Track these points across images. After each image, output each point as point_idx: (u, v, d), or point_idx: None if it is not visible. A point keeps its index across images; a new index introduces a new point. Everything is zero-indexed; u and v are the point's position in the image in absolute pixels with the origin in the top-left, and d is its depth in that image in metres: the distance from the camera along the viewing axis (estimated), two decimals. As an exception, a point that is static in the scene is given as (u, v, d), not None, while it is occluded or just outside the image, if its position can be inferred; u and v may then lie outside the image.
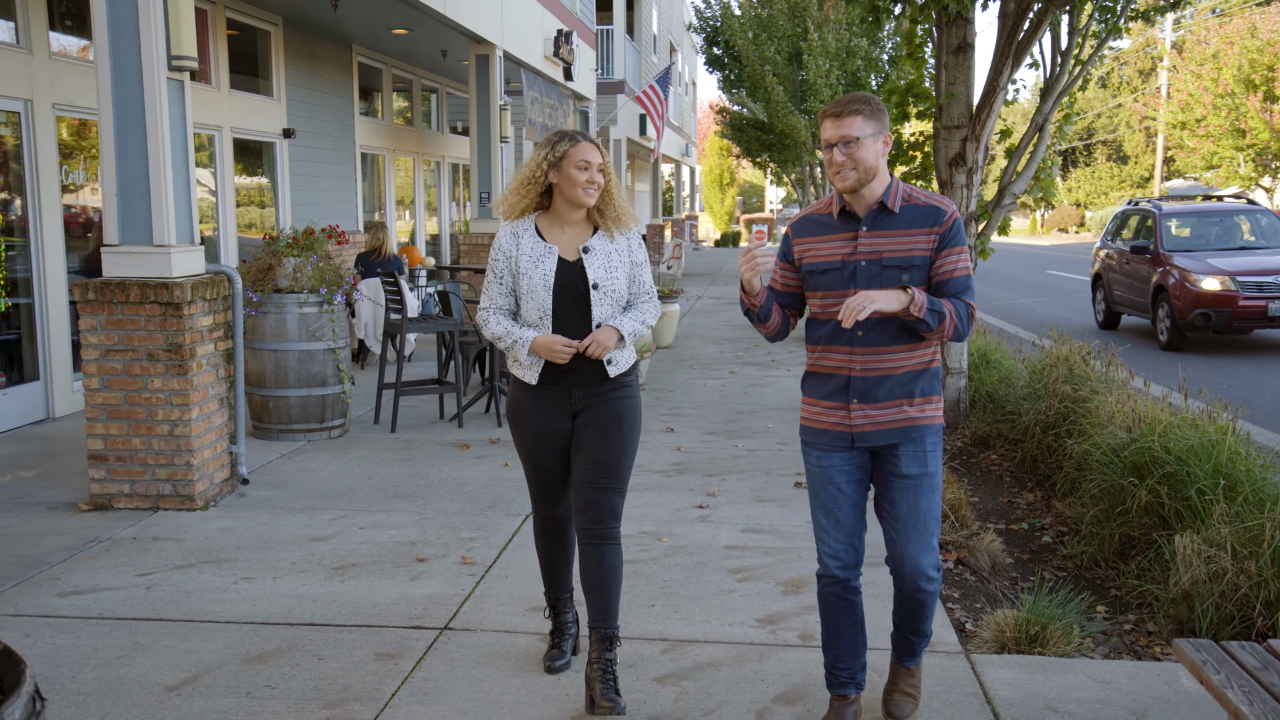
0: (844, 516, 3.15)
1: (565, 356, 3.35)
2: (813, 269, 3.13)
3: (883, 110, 3.04)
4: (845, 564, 3.17)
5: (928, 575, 3.11)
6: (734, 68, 23.06)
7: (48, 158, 7.68)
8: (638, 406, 3.57)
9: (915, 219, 3.03)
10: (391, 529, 5.30)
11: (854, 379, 3.07)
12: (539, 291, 3.41)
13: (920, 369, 3.09)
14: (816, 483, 3.19)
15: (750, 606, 4.29)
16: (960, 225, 3.05)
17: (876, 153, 3.01)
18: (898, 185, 3.08)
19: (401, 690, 3.55)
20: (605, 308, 3.45)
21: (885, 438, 3.07)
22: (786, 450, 7.01)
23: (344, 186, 13.20)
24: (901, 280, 3.00)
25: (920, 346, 3.07)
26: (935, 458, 3.11)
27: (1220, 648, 2.72)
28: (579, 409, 3.50)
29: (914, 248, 3.02)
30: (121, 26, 5.34)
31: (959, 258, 3.03)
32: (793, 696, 3.52)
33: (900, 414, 3.06)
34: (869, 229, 3.05)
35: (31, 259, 7.65)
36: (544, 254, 3.45)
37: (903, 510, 3.09)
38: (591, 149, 3.43)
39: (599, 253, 3.48)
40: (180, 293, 5.41)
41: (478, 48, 12.45)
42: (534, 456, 3.54)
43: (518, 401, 3.54)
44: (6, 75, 7.28)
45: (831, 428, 3.11)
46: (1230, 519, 4.53)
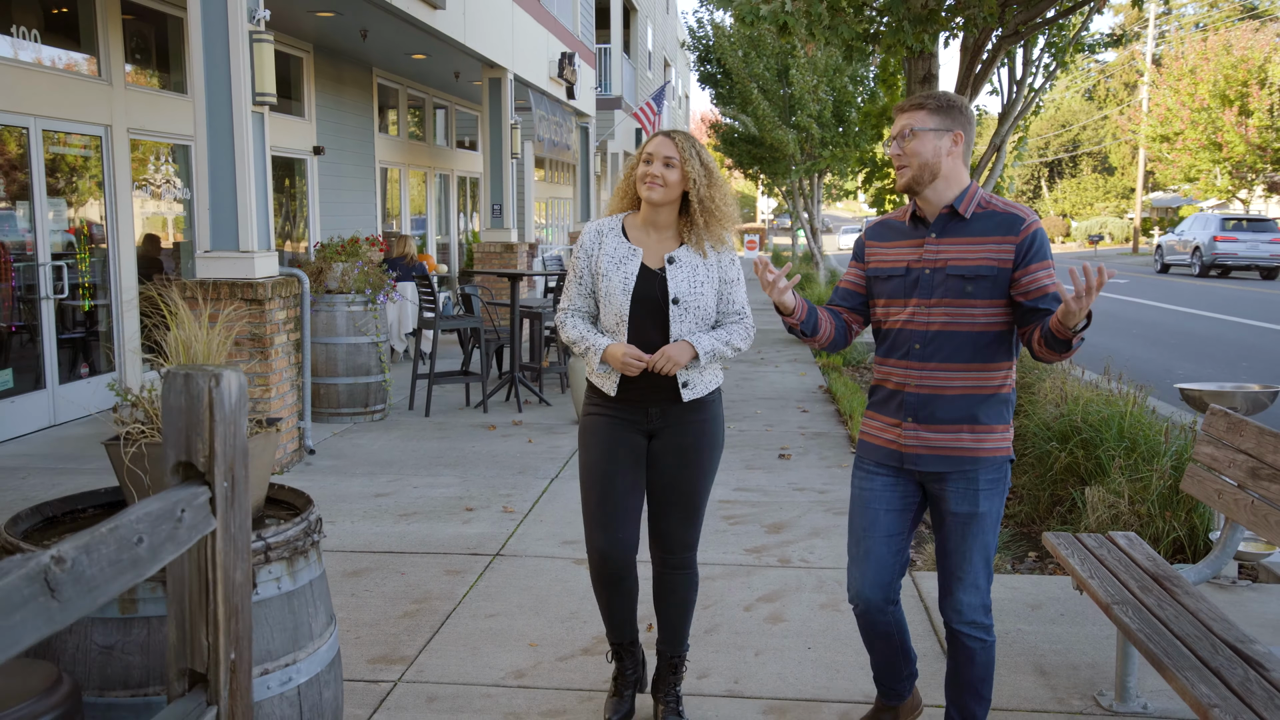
0: (874, 547, 2.93)
1: (635, 369, 3.11)
2: (878, 274, 2.95)
3: (956, 108, 2.83)
4: (868, 600, 2.96)
5: (972, 619, 2.88)
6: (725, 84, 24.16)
7: (123, 176, 8.72)
8: (720, 430, 3.34)
9: (989, 227, 2.79)
10: (440, 488, 6.35)
11: (907, 395, 2.86)
12: (617, 295, 3.18)
13: (986, 393, 2.82)
14: (855, 506, 2.99)
15: (740, 541, 5.35)
16: (1043, 236, 2.80)
17: (938, 150, 2.79)
18: (974, 191, 2.85)
19: (470, 592, 4.60)
20: (685, 325, 3.18)
21: (935, 464, 2.84)
22: (772, 431, 8.06)
23: (365, 199, 14.25)
24: (964, 291, 2.78)
25: (986, 367, 2.82)
26: (991, 496, 2.84)
27: (1075, 537, 3.78)
28: (656, 429, 3.26)
29: (984, 257, 2.77)
30: (215, 68, 6.39)
31: (1049, 272, 2.77)
32: (771, 598, 4.57)
33: (955, 441, 2.82)
34: (937, 235, 2.84)
35: (109, 265, 8.69)
36: (627, 255, 3.22)
37: (950, 547, 2.89)
38: (661, 141, 3.18)
39: (684, 265, 3.20)
40: (262, 291, 6.46)
41: (491, 71, 13.52)
42: (602, 473, 3.24)
43: (591, 415, 3.30)
44: (91, 104, 8.33)
45: (883, 444, 2.93)
46: (1127, 472, 5.60)
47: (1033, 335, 2.75)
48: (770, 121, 20.24)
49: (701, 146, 3.25)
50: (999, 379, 2.83)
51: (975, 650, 2.90)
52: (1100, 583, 3.34)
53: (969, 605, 2.88)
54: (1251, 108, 38.05)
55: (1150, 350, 13.29)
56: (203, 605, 1.99)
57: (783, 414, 8.77)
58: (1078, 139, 66.53)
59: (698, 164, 3.18)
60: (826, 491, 6.30)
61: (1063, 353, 2.66)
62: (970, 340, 2.79)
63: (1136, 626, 2.98)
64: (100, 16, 8.38)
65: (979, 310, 2.78)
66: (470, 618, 4.31)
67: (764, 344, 13.39)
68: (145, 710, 2.15)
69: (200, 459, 1.93)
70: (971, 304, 2.78)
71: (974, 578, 2.87)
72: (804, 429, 8.14)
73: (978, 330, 2.79)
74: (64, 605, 1.49)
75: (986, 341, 2.80)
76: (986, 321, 2.79)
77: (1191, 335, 14.99)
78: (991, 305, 2.78)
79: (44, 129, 7.82)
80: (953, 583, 2.89)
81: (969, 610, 2.88)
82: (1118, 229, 58.61)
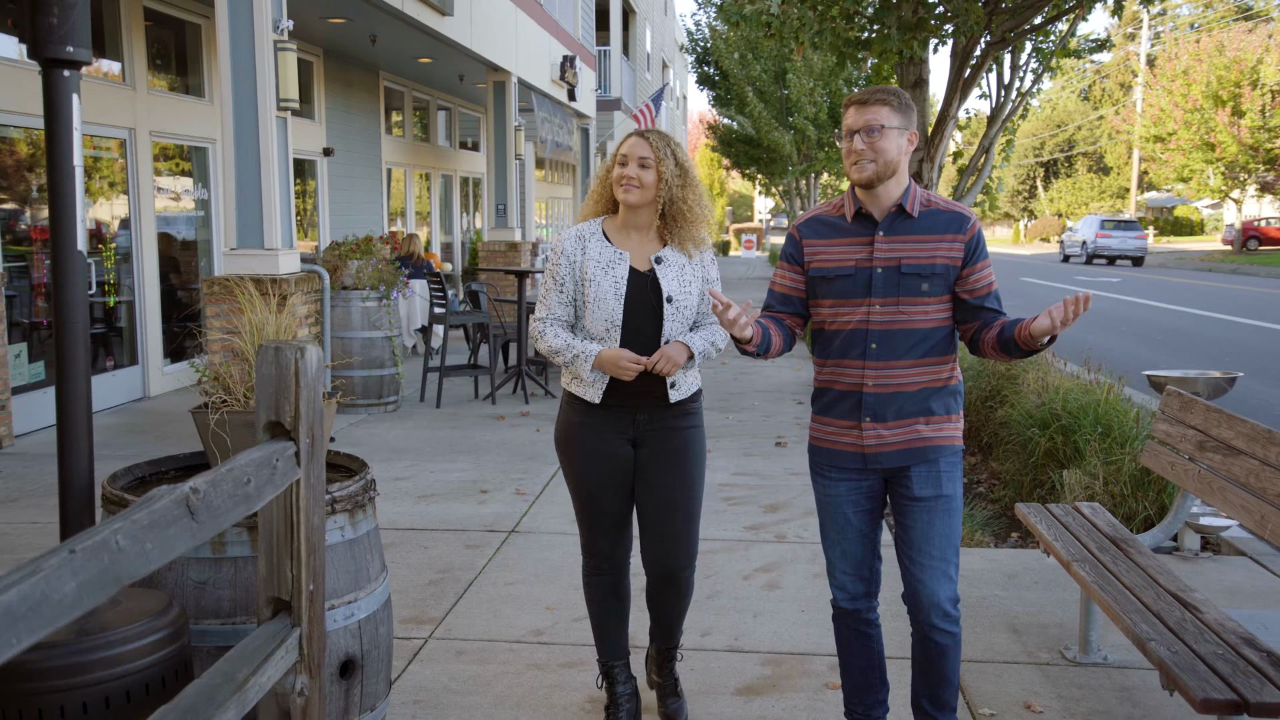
0: (851, 547, 2.96)
1: (633, 373, 3.05)
2: (823, 274, 2.89)
3: (912, 107, 2.84)
4: (854, 595, 3.00)
5: (943, 610, 2.86)
6: (723, 86, 24.58)
7: (145, 177, 9.08)
8: (703, 435, 3.33)
9: (936, 225, 2.82)
10: (455, 473, 6.72)
11: (865, 395, 2.83)
12: (608, 300, 3.09)
13: (938, 385, 2.86)
14: (824, 512, 3.00)
15: (739, 520, 5.72)
16: (983, 234, 2.88)
17: (900, 148, 2.79)
18: (915, 189, 2.87)
19: (489, 564, 4.96)
20: (676, 324, 3.15)
21: (898, 459, 2.85)
22: (769, 421, 8.43)
23: (372, 199, 14.62)
24: (921, 289, 2.80)
25: (938, 361, 2.86)
26: (952, 479, 2.88)
27: (1044, 507, 4.15)
28: (641, 435, 3.21)
29: (935, 255, 2.80)
30: (242, 75, 6.75)
31: (988, 270, 2.86)
32: (768, 569, 4.94)
33: (913, 434, 2.84)
34: (886, 233, 2.82)
35: (132, 262, 9.05)
36: (614, 260, 3.14)
37: (915, 535, 2.86)
38: (635, 142, 3.12)
39: (672, 264, 3.16)
40: (286, 286, 6.82)
41: (495, 75, 13.89)
42: (589, 487, 3.21)
43: (571, 425, 3.21)
44: (117, 108, 8.69)
45: (843, 448, 2.90)
46: (1102, 455, 5.98)
47: (981, 335, 2.84)
48: (767, 123, 20.64)
49: (677, 145, 3.18)
50: (948, 371, 2.88)
51: (947, 646, 2.88)
52: (1063, 544, 3.71)
53: (945, 596, 2.84)
54: (1244, 108, 38.42)
55: (1136, 345, 13.67)
56: (288, 543, 2.35)
57: (779, 405, 9.14)
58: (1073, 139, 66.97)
59: (672, 164, 3.12)
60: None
61: (1017, 358, 2.78)
62: (925, 336, 2.82)
63: (1092, 579, 3.35)
64: (125, 24, 8.74)
65: (933, 307, 2.82)
66: (490, 585, 4.68)
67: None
68: (234, 635, 2.51)
69: (287, 419, 2.30)
70: (926, 301, 2.80)
71: (944, 565, 2.85)
72: (799, 419, 8.51)
73: (931, 326, 2.83)
74: (200, 525, 1.86)
75: (940, 337, 2.85)
76: (940, 317, 2.84)
77: (1177, 331, 15.38)
78: (941, 302, 2.83)
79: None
80: (922, 572, 2.85)
81: (944, 600, 2.84)
82: (1112, 228, 59.03)
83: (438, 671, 3.79)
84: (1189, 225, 62.15)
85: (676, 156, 3.15)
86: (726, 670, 3.82)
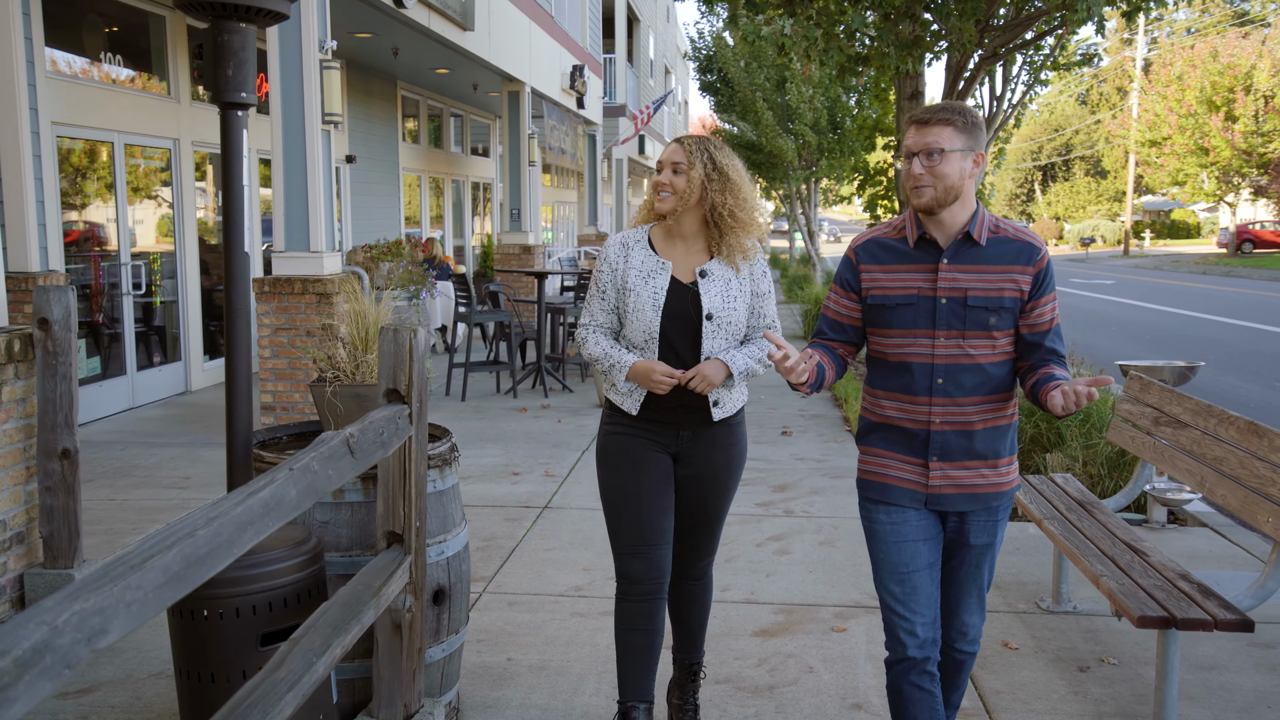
0: (920, 582, 2.73)
1: (666, 387, 2.96)
2: (882, 302, 2.71)
3: (979, 127, 2.64)
4: (923, 642, 2.74)
5: (971, 636, 2.85)
6: (726, 93, 25.16)
7: (188, 184, 9.66)
8: (745, 449, 3.23)
9: (1005, 255, 2.64)
10: (486, 458, 7.28)
11: (933, 433, 2.67)
12: (646, 311, 3.01)
13: (1003, 424, 2.71)
14: (887, 545, 2.74)
15: (751, 498, 6.28)
16: (1053, 267, 2.70)
17: (963, 172, 2.60)
18: (984, 214, 2.68)
19: (528, 534, 5.53)
20: (718, 341, 3.03)
21: (962, 503, 2.70)
22: (775, 413, 9.00)
23: (390, 204, 15.20)
24: (988, 323, 2.63)
25: (1003, 398, 2.69)
26: (1003, 523, 2.79)
27: (1023, 477, 4.72)
28: (684, 452, 3.11)
29: (1004, 287, 2.62)
30: (290, 92, 7.32)
31: (1054, 305, 2.69)
32: (778, 538, 5.50)
33: (980, 477, 2.69)
34: (950, 261, 2.64)
35: (176, 264, 9.62)
36: (655, 269, 3.05)
37: (961, 575, 2.80)
38: (671, 148, 3.05)
39: (717, 278, 3.05)
40: (330, 286, 7.39)
41: (510, 85, 14.47)
42: (635, 494, 3.06)
43: (613, 434, 3.12)
44: (163, 120, 9.26)
45: (903, 484, 2.72)
46: (1081, 440, 6.55)
47: (1027, 379, 2.69)
48: (771, 130, 21.21)
49: (719, 148, 3.07)
50: (1011, 409, 2.72)
51: (966, 662, 2.89)
52: (1037, 506, 4.28)
53: (974, 625, 2.84)
54: (1237, 113, 39.08)
55: (1124, 344, 14.24)
56: (401, 487, 2.92)
57: (784, 399, 9.71)
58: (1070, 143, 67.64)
59: (706, 168, 3.00)
60: (824, 461, 7.24)
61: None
62: (992, 372, 2.65)
63: (1059, 532, 3.92)
64: (170, 40, 9.32)
65: (1001, 341, 2.65)
66: (531, 551, 5.25)
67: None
68: (350, 565, 3.07)
69: (403, 386, 2.87)
70: (994, 336, 2.63)
71: (981, 598, 2.84)
72: (803, 411, 9.08)
73: (998, 361, 2.66)
74: (357, 460, 2.43)
75: (1005, 373, 2.68)
76: (1006, 351, 2.67)
77: (1165, 330, 15.95)
78: (1008, 336, 2.66)
79: (125, 143, 8.76)
80: (959, 607, 2.82)
81: (972, 627, 2.84)
82: (1110, 231, 59.69)
83: (494, 618, 4.36)
84: (1186, 228, 62.82)
85: (715, 160, 3.02)
86: (745, 617, 4.39)
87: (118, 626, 1.42)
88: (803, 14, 8.70)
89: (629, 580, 3.11)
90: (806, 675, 3.83)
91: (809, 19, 8.71)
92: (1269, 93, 38.62)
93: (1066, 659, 3.96)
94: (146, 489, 6.37)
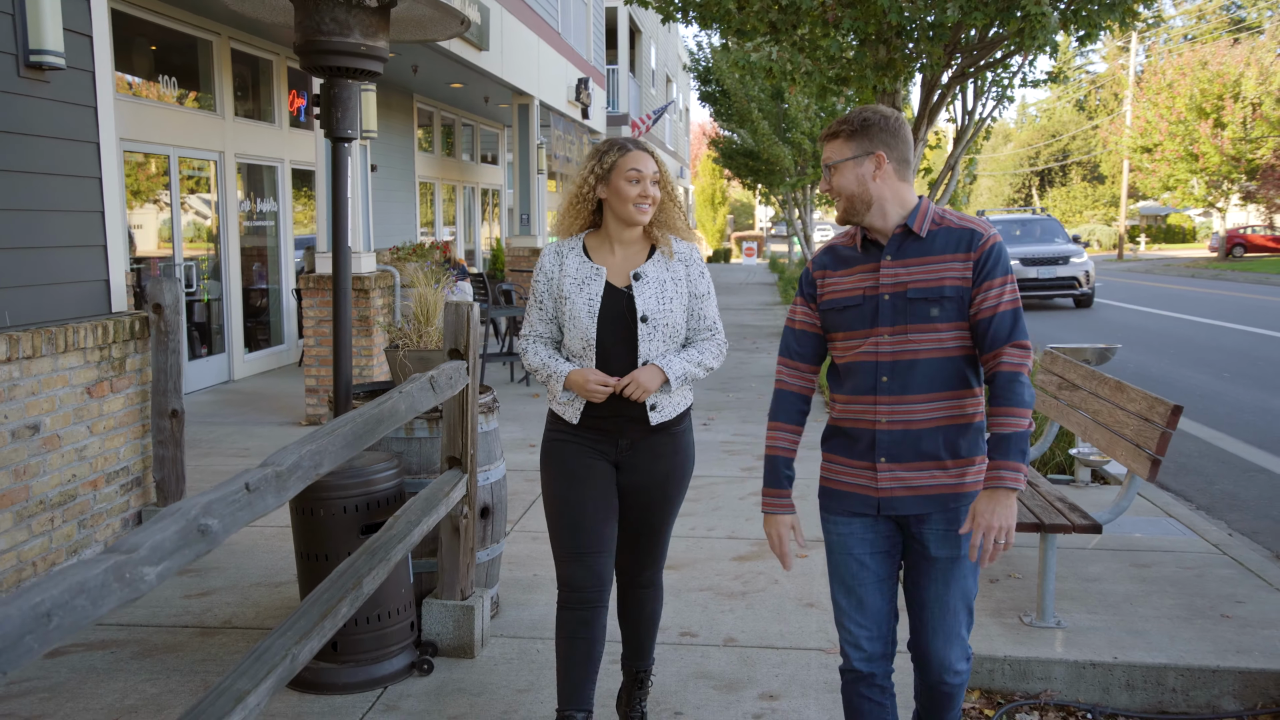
0: (867, 596, 2.71)
1: (601, 395, 2.98)
2: (832, 306, 2.71)
3: (874, 125, 2.61)
4: (870, 656, 2.74)
5: (954, 669, 2.71)
6: (724, 102, 26.17)
7: (231, 192, 10.66)
8: (690, 459, 3.22)
9: (946, 244, 2.60)
10: (505, 433, 8.26)
11: (879, 433, 2.62)
12: (582, 319, 3.03)
13: (961, 422, 2.61)
14: (835, 557, 2.74)
15: (737, 464, 7.26)
16: (1001, 251, 2.60)
17: (861, 178, 2.61)
18: (927, 208, 2.64)
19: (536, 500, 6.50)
20: (655, 344, 3.04)
21: (916, 506, 2.63)
22: (763, 399, 9.99)
23: (408, 210, 16.20)
24: (930, 315, 2.57)
25: (957, 395, 2.60)
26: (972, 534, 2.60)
27: (957, 436, 5.69)
28: (624, 460, 3.12)
29: (944, 276, 2.57)
30: (332, 112, 8.31)
31: (1001, 290, 2.57)
32: (758, 494, 6.39)
33: (932, 478, 2.61)
34: (894, 257, 2.63)
35: (220, 265, 10.62)
36: (590, 276, 3.07)
37: (929, 596, 2.68)
38: (643, 157, 3.04)
39: (652, 280, 3.06)
40: (367, 282, 8.37)
41: (519, 98, 15.48)
42: (574, 501, 3.07)
43: (554, 442, 3.14)
44: (209, 134, 10.27)
45: (855, 490, 2.68)
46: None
47: (989, 373, 2.59)
48: (768, 139, 22.20)
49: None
50: (972, 406, 2.62)
51: (954, 694, 2.77)
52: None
53: (956, 657, 2.70)
54: (1225, 120, 40.08)
55: (1094, 341, 15.20)
56: (460, 422, 3.90)
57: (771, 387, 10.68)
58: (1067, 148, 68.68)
59: (664, 174, 3.11)
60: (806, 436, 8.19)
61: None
62: (941, 367, 2.58)
63: (975, 473, 4.90)
64: (216, 62, 10.33)
65: (947, 334, 2.59)
66: (548, 503, 6.24)
67: (759, 336, 15.32)
68: (417, 485, 4.04)
69: (462, 347, 3.85)
70: (938, 328, 2.58)
71: (956, 628, 2.68)
72: (789, 397, 10.05)
73: (948, 356, 2.59)
74: (435, 394, 3.41)
75: (958, 367, 2.60)
76: (957, 345, 2.60)
77: (1140, 329, 16.92)
78: (958, 328, 2.59)
79: (180, 156, 9.76)
80: (934, 636, 2.69)
81: (954, 660, 2.70)
82: (1105, 236, 60.69)
83: (521, 549, 5.34)
84: (1181, 233, 63.82)
85: (663, 168, 3.13)
86: (725, 549, 5.36)
87: (328, 462, 2.41)
88: (786, 40, 9.69)
89: (570, 588, 3.09)
90: (772, 586, 4.80)
91: (793, 44, 9.70)
92: (1256, 100, 39.59)
93: (981, 576, 4.92)
94: (215, 457, 7.36)
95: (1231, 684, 3.82)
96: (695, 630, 4.31)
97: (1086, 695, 3.90)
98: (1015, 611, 4.37)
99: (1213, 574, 4.84)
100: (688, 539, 5.50)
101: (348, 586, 2.69)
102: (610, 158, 3.06)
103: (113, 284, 5.04)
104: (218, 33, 10.25)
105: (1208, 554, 5.14)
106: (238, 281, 10.84)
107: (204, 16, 9.86)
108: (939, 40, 9.57)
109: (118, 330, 4.91)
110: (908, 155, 2.66)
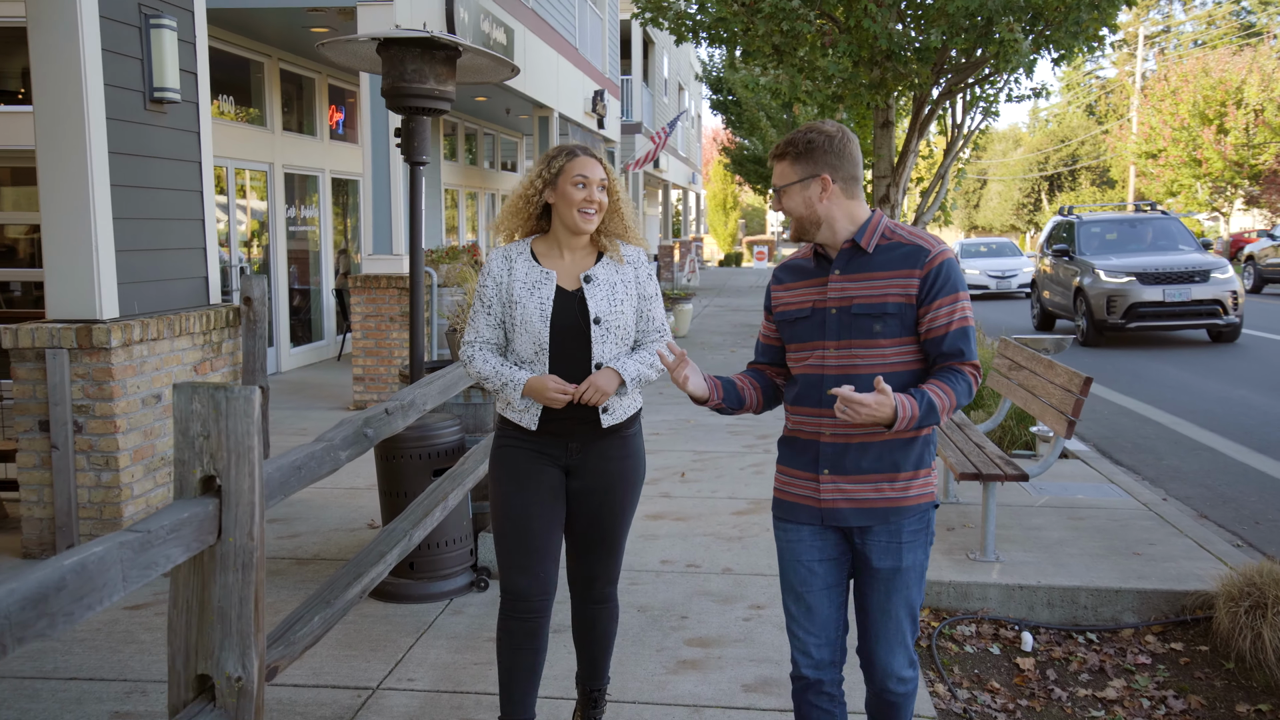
0: (815, 602, 2.74)
1: (561, 401, 2.96)
2: (784, 318, 2.76)
3: (817, 147, 2.63)
4: (818, 663, 2.77)
5: (898, 676, 2.75)
6: (735, 111, 27.14)
7: (279, 201, 11.66)
8: (640, 464, 3.21)
9: (892, 260, 2.61)
10: (533, 418, 9.21)
11: (823, 445, 2.66)
12: (534, 323, 3.00)
13: (906, 438, 2.64)
14: (784, 564, 2.78)
15: (739, 441, 8.20)
16: (951, 268, 2.61)
17: (808, 200, 2.63)
18: (878, 222, 2.68)
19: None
20: (608, 346, 3.04)
21: (858, 518, 2.66)
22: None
23: (435, 215, 17.19)
24: (873, 330, 2.60)
25: None
26: (914, 547, 2.68)
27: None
28: (574, 464, 3.10)
29: (888, 293, 2.59)
30: (379, 130, 9.28)
31: (952, 308, 2.58)
32: (756, 466, 7.41)
33: (876, 491, 2.64)
34: (842, 272, 2.65)
35: (269, 267, 11.61)
36: (540, 280, 3.05)
37: (871, 605, 2.73)
38: (590, 163, 3.03)
39: (602, 283, 3.07)
40: (407, 281, 9.33)
41: (540, 111, 16.44)
42: (516, 512, 3.05)
43: (505, 448, 3.11)
44: (259, 147, 11.26)
45: (799, 500, 2.72)
46: (995, 399, 8.44)
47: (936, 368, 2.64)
48: (775, 146, 23.13)
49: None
50: None
51: (901, 703, 2.80)
52: (928, 427, 6.19)
53: (900, 664, 2.74)
54: (1228, 126, 40.82)
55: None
56: (509, 390, 4.85)
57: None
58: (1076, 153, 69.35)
59: (611, 179, 3.09)
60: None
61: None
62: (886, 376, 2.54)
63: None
64: (267, 81, 11.33)
65: (889, 350, 2.61)
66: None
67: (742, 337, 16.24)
68: (474, 441, 4.99)
69: (511, 329, 4.81)
70: (880, 344, 2.60)
71: (900, 636, 2.72)
72: (789, 387, 11.00)
73: (890, 371, 2.60)
74: (495, 364, 4.37)
75: (902, 383, 2.60)
76: (899, 361, 2.62)
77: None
78: (902, 344, 2.62)
79: (236, 167, 10.76)
80: (877, 644, 2.74)
81: (899, 668, 2.74)
82: (1112, 240, 61.29)
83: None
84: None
85: (611, 172, 3.11)
86: (726, 506, 6.30)
87: (431, 402, 3.36)
88: (789, 61, 10.65)
89: (514, 596, 3.09)
90: (764, 533, 5.74)
91: (793, 65, 10.65)
92: (1259, 106, 40.33)
93: (940, 525, 5.85)
94: (276, 436, 8.33)
95: (1131, 601, 4.75)
96: (699, 563, 5.25)
97: (1015, 612, 4.83)
98: (964, 551, 5.29)
99: (1136, 524, 5.76)
100: (695, 499, 6.44)
101: (438, 498, 3.64)
102: (558, 162, 3.04)
103: (210, 280, 6.01)
104: (269, 54, 11.24)
105: (1136, 510, 6.06)
106: (284, 282, 11.83)
107: (258, 40, 10.85)
108: (926, 61, 10.51)
109: (216, 319, 5.88)
110: (855, 172, 2.69)
